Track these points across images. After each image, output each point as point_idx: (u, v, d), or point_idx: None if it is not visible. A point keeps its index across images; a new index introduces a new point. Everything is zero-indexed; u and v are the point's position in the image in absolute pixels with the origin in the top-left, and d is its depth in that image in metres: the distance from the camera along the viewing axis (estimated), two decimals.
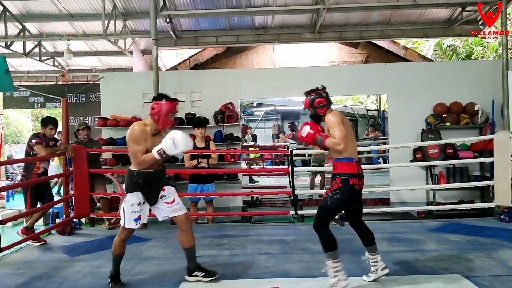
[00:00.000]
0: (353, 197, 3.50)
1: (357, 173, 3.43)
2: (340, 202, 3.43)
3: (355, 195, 3.50)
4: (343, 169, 3.42)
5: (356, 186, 3.44)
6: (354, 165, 3.43)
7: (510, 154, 5.54)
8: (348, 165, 3.43)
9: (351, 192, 3.44)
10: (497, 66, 7.15)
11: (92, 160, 6.14)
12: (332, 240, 3.42)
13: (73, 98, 9.98)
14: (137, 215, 3.59)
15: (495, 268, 3.87)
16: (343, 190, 3.41)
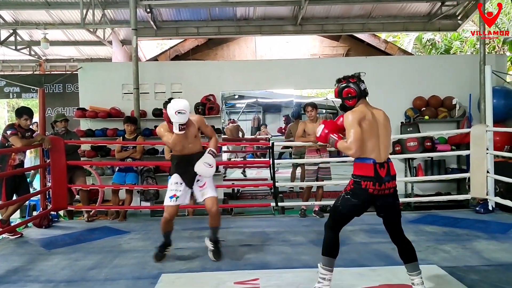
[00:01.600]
0: (368, 202, 3.09)
1: (373, 175, 3.01)
2: (351, 204, 3.10)
3: (370, 200, 3.07)
4: (357, 171, 3.09)
5: (371, 190, 3.02)
6: (371, 167, 3.02)
7: (486, 147, 5.67)
8: (363, 166, 3.05)
9: (364, 196, 3.04)
10: (475, 61, 7.27)
11: (70, 152, 6.02)
12: (333, 246, 3.18)
13: (50, 89, 9.78)
14: (172, 193, 4.04)
15: (470, 258, 3.96)
16: (354, 193, 3.08)
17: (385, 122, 3.16)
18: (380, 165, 3.03)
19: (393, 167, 3.09)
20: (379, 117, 3.15)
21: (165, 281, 3.57)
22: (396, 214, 3.19)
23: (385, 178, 3.02)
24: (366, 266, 3.80)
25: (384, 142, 3.11)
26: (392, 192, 3.09)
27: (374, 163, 3.02)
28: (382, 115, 3.18)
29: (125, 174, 6.32)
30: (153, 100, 8.03)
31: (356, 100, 3.19)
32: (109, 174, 7.43)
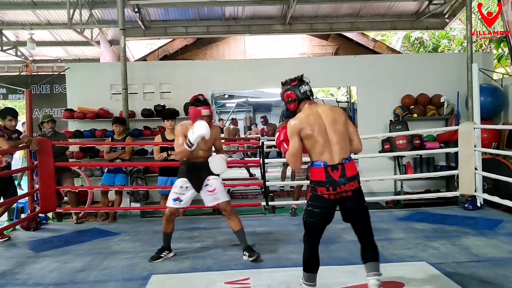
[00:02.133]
0: (330, 208, 2.92)
1: (325, 180, 2.84)
2: (314, 214, 2.93)
3: (330, 206, 2.91)
4: (312, 176, 2.95)
5: (326, 195, 2.85)
6: (322, 171, 2.85)
7: (473, 145, 5.72)
8: (315, 171, 2.90)
9: (321, 203, 2.88)
10: (462, 59, 7.33)
11: (58, 154, 5.97)
12: (311, 261, 3.04)
13: (38, 90, 9.68)
14: (176, 196, 4.14)
15: (459, 254, 4.00)
16: (313, 202, 2.93)
17: (335, 119, 2.92)
18: (332, 168, 2.84)
19: (351, 167, 2.86)
20: (326, 116, 2.92)
21: (155, 282, 3.55)
22: (361, 218, 2.96)
23: (339, 181, 2.82)
24: (357, 264, 3.80)
25: (336, 140, 2.88)
26: (351, 195, 2.86)
27: (325, 166, 2.85)
28: (330, 112, 2.95)
29: (114, 175, 6.27)
30: (142, 100, 7.98)
31: (296, 104, 3.01)
32: (98, 175, 7.37)
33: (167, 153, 6.20)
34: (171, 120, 6.29)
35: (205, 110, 3.99)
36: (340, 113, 2.99)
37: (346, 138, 2.95)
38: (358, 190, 2.91)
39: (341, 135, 2.92)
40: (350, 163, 2.88)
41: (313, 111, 2.96)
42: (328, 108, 3.02)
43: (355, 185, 2.87)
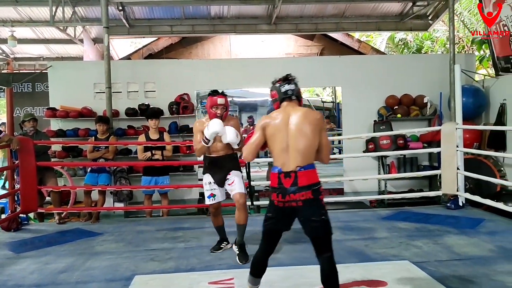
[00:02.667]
0: (282, 216, 2.80)
1: (276, 186, 2.73)
2: (267, 218, 2.85)
3: (282, 213, 2.78)
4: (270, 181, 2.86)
5: (275, 202, 2.75)
6: (275, 176, 2.74)
7: (456, 145, 5.80)
8: (271, 176, 2.80)
9: (273, 208, 2.80)
10: (445, 60, 7.43)
11: (40, 153, 5.87)
12: (256, 265, 2.94)
13: (19, 88, 9.52)
14: (209, 193, 4.17)
15: (441, 253, 4.05)
16: (268, 206, 2.86)
17: (303, 125, 2.74)
18: (285, 175, 2.70)
19: (306, 176, 2.68)
20: (295, 121, 2.76)
21: (138, 283, 3.52)
22: (313, 232, 2.74)
23: (290, 189, 2.67)
24: (340, 263, 3.78)
25: (296, 147, 2.71)
26: (302, 205, 2.68)
27: (279, 172, 2.73)
28: (302, 118, 2.77)
29: (98, 175, 6.21)
30: (125, 99, 7.90)
31: (278, 103, 2.94)
32: (81, 175, 7.29)
33: (151, 152, 6.17)
34: (155, 119, 6.25)
35: (220, 99, 4.04)
36: (314, 121, 2.77)
37: (310, 147, 2.74)
38: (312, 201, 2.69)
39: (304, 143, 2.72)
40: (305, 172, 2.68)
41: (286, 112, 2.83)
42: (303, 113, 2.80)
43: (307, 195, 2.67)
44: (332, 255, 2.76)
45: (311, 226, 2.73)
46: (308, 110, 2.89)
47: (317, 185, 2.71)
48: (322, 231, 2.73)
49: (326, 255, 2.75)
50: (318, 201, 2.71)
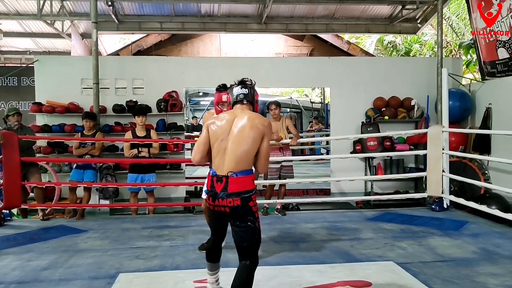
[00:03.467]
0: (213, 216, 2.87)
1: (209, 189, 2.73)
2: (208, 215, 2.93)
3: (213, 215, 2.84)
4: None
5: (208, 204, 2.78)
6: (209, 179, 2.75)
7: (442, 147, 5.86)
8: (208, 177, 2.82)
9: (208, 210, 2.88)
10: (433, 64, 7.51)
11: (24, 148, 5.78)
12: (209, 251, 3.02)
13: (4, 82, 9.35)
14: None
15: (425, 254, 4.09)
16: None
17: (247, 129, 2.70)
18: (217, 179, 2.68)
19: (237, 183, 2.64)
20: (240, 124, 2.73)
21: (122, 281, 3.49)
22: (237, 239, 2.72)
23: (219, 194, 2.65)
24: (326, 263, 3.85)
25: (234, 151, 2.68)
26: (229, 211, 2.67)
27: (212, 175, 2.72)
28: (245, 123, 2.72)
29: (83, 171, 6.14)
30: (113, 95, 7.83)
31: (231, 106, 2.95)
32: (67, 171, 7.20)
33: (137, 150, 6.11)
34: (142, 116, 6.20)
35: (225, 95, 3.92)
36: (259, 127, 2.71)
37: (247, 153, 2.69)
38: (240, 209, 2.65)
39: (242, 148, 2.68)
40: (237, 178, 2.64)
41: (233, 115, 2.81)
42: (250, 117, 2.75)
43: (236, 202, 2.63)
44: (252, 264, 2.71)
45: (236, 232, 2.72)
46: (256, 116, 2.80)
47: (248, 193, 2.67)
48: (245, 239, 2.69)
49: (244, 262, 2.71)
50: (246, 209, 2.67)
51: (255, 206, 2.72)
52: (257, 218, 2.72)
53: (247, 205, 2.66)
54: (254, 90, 2.95)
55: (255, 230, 2.69)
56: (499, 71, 6.92)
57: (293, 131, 6.20)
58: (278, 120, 6.09)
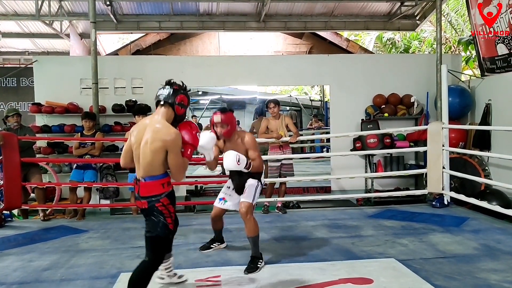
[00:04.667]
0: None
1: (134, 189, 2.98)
2: None
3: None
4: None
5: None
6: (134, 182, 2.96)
7: (442, 144, 5.86)
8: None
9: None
10: (432, 60, 7.50)
11: (24, 149, 5.78)
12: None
13: (3, 82, 9.35)
14: (222, 196, 4.05)
15: (426, 251, 4.09)
16: None
17: (146, 142, 2.77)
18: (135, 182, 2.89)
19: (146, 187, 2.80)
20: (145, 135, 2.81)
21: (123, 281, 3.47)
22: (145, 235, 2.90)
23: (137, 196, 2.89)
24: (327, 261, 3.85)
25: (141, 159, 2.82)
26: (141, 212, 2.92)
27: (135, 177, 2.92)
28: (152, 132, 2.78)
29: (84, 172, 6.14)
30: (112, 95, 7.81)
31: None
32: (67, 171, 7.19)
33: None
34: (142, 115, 6.19)
35: (216, 116, 3.75)
36: (159, 142, 2.74)
37: (150, 164, 2.79)
38: (147, 210, 2.84)
39: (145, 160, 2.79)
40: (146, 183, 2.81)
41: (143, 125, 2.88)
42: (153, 131, 2.78)
43: (144, 205, 2.84)
44: (150, 262, 2.85)
45: (145, 230, 2.90)
46: (163, 127, 2.79)
47: (155, 197, 2.81)
48: (147, 230, 2.87)
49: (145, 258, 2.88)
50: (153, 211, 2.83)
51: (164, 207, 2.84)
52: (165, 215, 2.84)
53: (154, 207, 2.83)
54: (178, 92, 2.94)
55: (158, 223, 2.82)
56: (499, 67, 6.91)
57: (292, 129, 6.20)
58: (278, 118, 6.09)
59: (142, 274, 2.80)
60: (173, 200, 2.92)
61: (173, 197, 2.93)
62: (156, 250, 2.87)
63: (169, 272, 3.37)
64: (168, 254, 3.30)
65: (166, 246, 2.98)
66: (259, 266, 3.65)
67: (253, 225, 3.74)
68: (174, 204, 2.93)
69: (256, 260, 3.70)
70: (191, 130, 2.95)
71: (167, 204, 2.85)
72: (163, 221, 2.83)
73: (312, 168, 10.42)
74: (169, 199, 2.87)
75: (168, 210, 2.86)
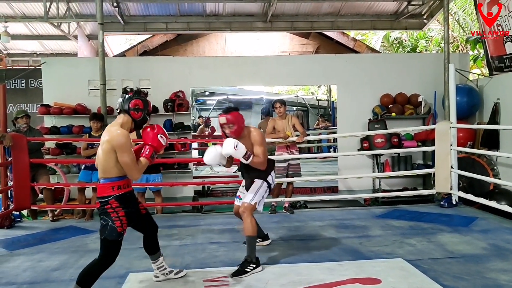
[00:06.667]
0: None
1: None
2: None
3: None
4: None
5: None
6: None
7: (450, 144, 5.83)
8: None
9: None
10: (439, 59, 7.46)
11: (33, 150, 5.83)
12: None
13: (12, 84, 9.43)
14: (238, 193, 4.14)
15: (434, 251, 4.07)
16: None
17: (102, 142, 2.98)
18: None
19: (100, 188, 3.02)
20: (102, 136, 3.04)
21: (132, 281, 3.51)
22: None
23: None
24: (335, 261, 3.85)
25: (98, 161, 3.03)
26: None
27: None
28: (104, 134, 3.00)
29: (92, 172, 6.17)
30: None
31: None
32: (75, 172, 7.25)
33: None
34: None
35: (221, 118, 3.78)
36: (106, 143, 2.93)
37: (103, 165, 2.98)
38: (99, 213, 3.02)
39: (99, 156, 3.00)
40: (100, 185, 3.02)
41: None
42: (104, 133, 3.01)
43: (97, 205, 3.04)
44: (99, 260, 3.01)
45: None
46: (110, 129, 3.00)
47: (104, 198, 2.98)
48: (100, 236, 3.01)
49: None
50: (102, 213, 3.00)
51: (112, 209, 2.97)
52: (113, 218, 2.96)
53: (103, 208, 2.99)
54: (131, 98, 3.09)
55: (106, 226, 2.96)
56: (507, 65, 6.86)
57: (299, 129, 6.19)
58: (284, 118, 6.09)
59: (89, 271, 2.99)
60: (125, 204, 3.01)
61: (125, 201, 3.02)
62: (105, 251, 2.99)
63: (163, 270, 3.47)
64: (157, 254, 3.44)
65: (115, 248, 3.02)
66: (247, 270, 3.55)
67: (249, 225, 3.72)
68: (127, 207, 3.01)
69: (246, 264, 3.59)
70: (152, 132, 3.12)
71: (115, 207, 2.97)
72: (111, 224, 2.95)
73: (319, 168, 10.41)
74: (118, 202, 2.98)
75: (117, 213, 2.96)
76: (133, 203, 3.14)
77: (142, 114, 3.11)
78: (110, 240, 2.97)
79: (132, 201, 3.14)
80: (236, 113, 3.78)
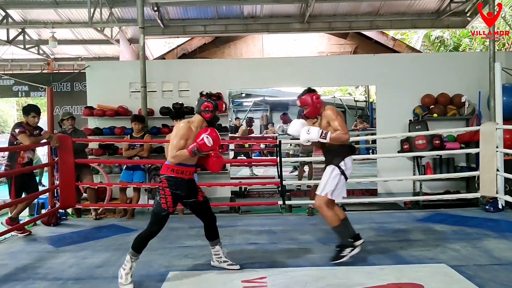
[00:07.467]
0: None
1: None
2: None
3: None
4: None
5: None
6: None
7: (495, 145, 5.61)
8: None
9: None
10: (484, 58, 7.18)
11: (78, 151, 6.05)
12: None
13: (59, 87, 9.84)
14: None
15: (480, 257, 3.92)
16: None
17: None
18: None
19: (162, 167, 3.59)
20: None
21: (172, 279, 3.58)
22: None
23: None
24: (374, 264, 3.77)
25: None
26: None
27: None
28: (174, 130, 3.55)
29: (133, 172, 6.34)
30: (160, 98, 8.04)
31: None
32: (117, 172, 7.46)
33: None
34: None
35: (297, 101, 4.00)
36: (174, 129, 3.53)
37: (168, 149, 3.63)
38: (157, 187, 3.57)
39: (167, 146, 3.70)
40: (164, 164, 3.58)
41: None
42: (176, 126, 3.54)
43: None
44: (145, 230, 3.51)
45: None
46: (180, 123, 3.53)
47: (161, 176, 3.54)
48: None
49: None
50: (158, 187, 3.53)
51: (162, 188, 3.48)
52: (160, 195, 3.48)
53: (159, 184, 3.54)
54: (202, 101, 3.56)
55: (155, 201, 3.55)
56: None
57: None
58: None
59: (140, 238, 3.50)
60: (174, 187, 3.45)
61: (175, 183, 3.46)
62: (151, 221, 3.50)
63: (218, 258, 3.76)
64: (214, 241, 3.78)
65: (159, 220, 3.47)
66: (342, 255, 3.76)
67: (328, 216, 3.83)
68: (175, 190, 3.45)
69: (342, 249, 3.79)
70: (204, 133, 3.46)
71: (164, 187, 3.46)
72: (158, 200, 3.47)
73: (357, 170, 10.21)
74: (168, 184, 3.46)
75: (164, 192, 3.45)
76: (184, 189, 3.52)
77: (212, 114, 3.56)
78: (155, 213, 3.46)
79: (185, 187, 3.52)
80: (306, 96, 3.87)
